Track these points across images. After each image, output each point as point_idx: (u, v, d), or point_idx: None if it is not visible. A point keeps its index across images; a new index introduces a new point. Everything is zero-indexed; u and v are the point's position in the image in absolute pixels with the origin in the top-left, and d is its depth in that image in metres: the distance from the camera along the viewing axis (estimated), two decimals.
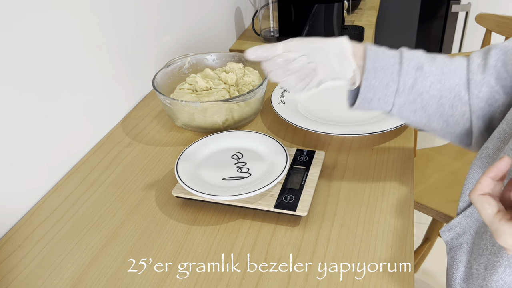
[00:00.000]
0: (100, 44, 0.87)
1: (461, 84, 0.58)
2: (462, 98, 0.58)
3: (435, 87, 0.59)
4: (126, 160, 0.82)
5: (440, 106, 0.59)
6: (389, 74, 0.58)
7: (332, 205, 0.68)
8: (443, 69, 0.59)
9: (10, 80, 0.67)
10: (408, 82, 0.59)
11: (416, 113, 0.61)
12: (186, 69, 0.99)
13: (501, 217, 0.39)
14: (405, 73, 0.58)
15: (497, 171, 0.40)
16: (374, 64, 0.59)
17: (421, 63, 0.59)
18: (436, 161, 1.38)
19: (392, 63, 0.59)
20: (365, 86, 0.59)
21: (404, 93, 0.59)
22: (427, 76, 0.58)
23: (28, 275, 0.61)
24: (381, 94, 0.59)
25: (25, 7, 0.68)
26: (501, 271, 0.52)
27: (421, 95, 0.59)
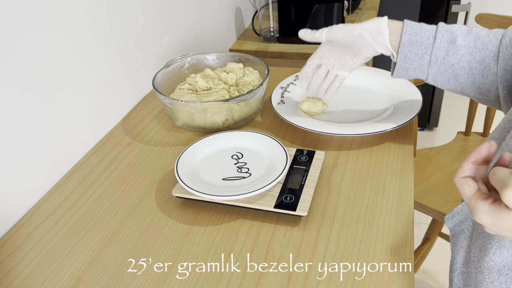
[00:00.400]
0: (100, 45, 0.87)
1: (491, 56, 0.63)
2: (491, 69, 0.64)
3: (465, 59, 0.65)
4: (126, 160, 0.82)
5: (471, 76, 0.65)
6: (423, 47, 0.66)
7: (332, 205, 0.68)
8: (475, 42, 0.64)
9: (10, 80, 0.67)
10: (440, 55, 0.66)
11: (449, 81, 0.67)
12: (186, 69, 0.99)
13: (478, 196, 0.41)
14: (438, 47, 0.65)
15: (477, 156, 0.43)
16: (410, 38, 0.66)
17: (454, 36, 0.65)
18: (436, 161, 1.38)
19: (427, 37, 0.66)
20: (401, 57, 0.68)
21: (436, 65, 0.66)
22: (459, 49, 0.65)
23: (28, 275, 0.61)
24: (416, 64, 0.67)
25: (25, 8, 0.68)
26: (492, 253, 0.54)
27: (452, 67, 0.65)
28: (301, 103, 0.89)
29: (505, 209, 0.38)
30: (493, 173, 0.39)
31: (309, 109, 0.88)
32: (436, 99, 2.17)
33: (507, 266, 0.53)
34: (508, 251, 0.52)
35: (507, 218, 0.38)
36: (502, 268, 0.53)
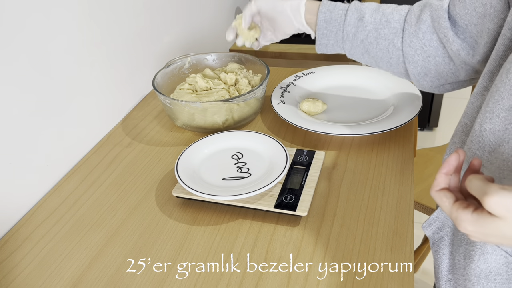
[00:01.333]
0: (100, 45, 0.87)
1: (395, 32, 0.68)
2: (395, 44, 0.68)
3: (372, 35, 0.69)
4: (126, 160, 0.82)
5: (379, 51, 0.70)
6: (336, 24, 0.71)
7: (332, 205, 0.68)
8: (381, 19, 0.69)
9: (10, 80, 0.67)
10: (351, 31, 0.71)
11: (363, 55, 0.72)
12: (186, 69, 0.99)
13: (458, 206, 0.41)
14: (348, 23, 0.70)
15: (448, 167, 0.43)
16: (325, 16, 0.71)
17: (363, 13, 0.70)
18: (436, 161, 1.38)
19: (340, 15, 0.71)
20: (318, 34, 0.73)
21: (349, 40, 0.71)
22: (366, 26, 0.69)
23: (28, 275, 0.61)
24: (333, 40, 0.73)
25: (25, 7, 0.68)
26: (477, 259, 0.54)
27: (362, 42, 0.71)
28: (301, 103, 0.89)
29: (489, 216, 0.38)
30: (469, 181, 0.39)
31: (309, 109, 0.88)
32: (436, 99, 2.17)
33: (493, 272, 0.53)
34: (491, 256, 0.53)
35: (491, 224, 0.38)
36: (489, 274, 0.53)
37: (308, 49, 1.42)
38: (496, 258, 0.52)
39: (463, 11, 0.59)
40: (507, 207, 0.36)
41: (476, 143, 0.52)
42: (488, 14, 0.55)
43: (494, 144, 0.49)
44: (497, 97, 0.48)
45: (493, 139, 0.49)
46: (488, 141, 0.50)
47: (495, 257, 0.52)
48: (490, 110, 0.49)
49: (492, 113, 0.49)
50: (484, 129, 0.50)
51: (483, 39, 0.57)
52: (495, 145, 0.49)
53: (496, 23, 0.55)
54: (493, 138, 0.49)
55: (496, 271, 0.53)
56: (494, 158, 0.49)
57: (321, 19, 0.72)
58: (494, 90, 0.49)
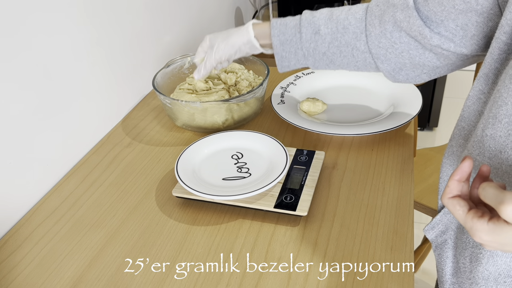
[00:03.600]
0: (100, 44, 0.87)
1: (355, 37, 0.66)
2: (359, 48, 0.66)
3: (333, 45, 0.67)
4: (126, 160, 0.82)
5: (344, 57, 0.68)
6: (293, 44, 0.69)
7: (332, 205, 0.68)
8: (337, 27, 0.67)
9: (10, 79, 0.67)
10: (310, 47, 0.69)
11: (329, 65, 0.70)
12: (186, 69, 0.99)
13: (473, 215, 0.40)
14: (305, 40, 0.68)
15: (461, 173, 0.42)
16: (279, 39, 0.70)
17: (317, 26, 0.68)
18: (436, 161, 1.38)
19: (293, 34, 0.69)
20: (278, 58, 0.71)
21: (310, 56, 0.69)
22: (324, 38, 0.67)
23: (28, 275, 0.61)
24: (294, 60, 0.71)
25: (26, 7, 0.68)
26: (485, 262, 0.53)
27: (325, 54, 0.69)
28: (301, 103, 0.89)
29: (505, 225, 0.37)
30: (483, 189, 0.39)
31: (309, 109, 0.88)
32: (436, 99, 2.17)
33: (503, 274, 0.53)
34: (501, 259, 0.52)
35: (508, 233, 0.37)
36: (498, 277, 0.53)
37: None
38: (506, 261, 0.52)
39: (438, 8, 0.58)
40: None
41: (477, 148, 0.51)
42: (474, 10, 0.54)
43: (495, 150, 0.49)
44: (500, 102, 0.48)
45: (494, 145, 0.49)
46: (488, 147, 0.49)
47: (505, 259, 0.52)
48: (493, 116, 0.49)
49: (495, 118, 0.48)
50: (486, 134, 0.49)
51: (470, 32, 0.56)
52: (496, 151, 0.49)
53: (486, 17, 0.54)
54: (494, 144, 0.49)
55: (506, 273, 0.52)
56: (497, 163, 0.49)
57: (276, 43, 0.70)
58: (497, 95, 0.48)
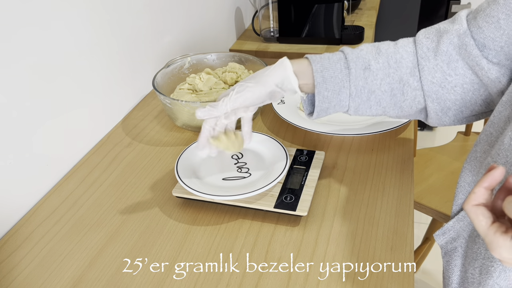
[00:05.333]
0: (100, 44, 0.87)
1: (408, 72, 0.59)
2: (411, 85, 0.60)
3: (385, 82, 0.60)
4: (126, 160, 0.82)
5: (393, 97, 0.61)
6: (339, 81, 0.60)
7: (332, 205, 0.68)
8: (389, 62, 0.60)
9: (10, 79, 0.67)
10: (359, 84, 0.60)
11: (371, 108, 0.62)
12: (186, 69, 0.99)
13: (496, 229, 0.38)
14: (354, 77, 0.60)
15: (491, 181, 0.39)
16: (323, 76, 0.60)
17: (367, 61, 0.60)
18: (436, 161, 1.38)
19: (340, 69, 0.60)
20: (319, 99, 0.61)
21: (358, 96, 0.61)
22: (376, 74, 0.60)
23: (28, 275, 0.61)
24: (335, 101, 0.61)
25: (26, 7, 0.68)
26: (496, 276, 0.51)
27: (374, 93, 0.60)
28: (301, 103, 0.89)
29: None
30: (508, 203, 0.36)
31: None
32: None
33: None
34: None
35: None
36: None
37: (308, 49, 1.42)
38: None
39: (496, 33, 0.52)
40: None
41: (503, 157, 0.48)
42: None
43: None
44: None
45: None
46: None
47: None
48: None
49: None
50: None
51: None
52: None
53: None
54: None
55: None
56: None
57: (319, 80, 0.59)
58: None
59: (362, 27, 1.44)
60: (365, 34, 1.48)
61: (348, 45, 1.43)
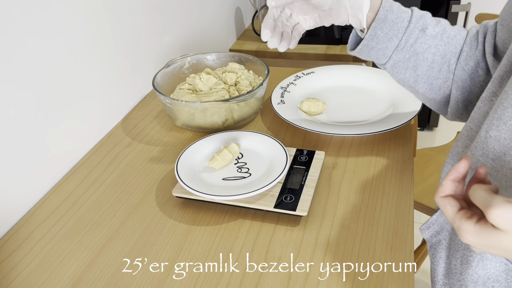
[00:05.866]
0: (100, 44, 0.87)
1: (454, 52, 0.62)
2: (450, 65, 0.62)
3: (430, 50, 0.62)
4: (126, 160, 0.82)
5: (430, 69, 0.63)
6: (396, 28, 0.61)
7: (332, 205, 0.68)
8: (442, 35, 0.62)
9: (10, 79, 0.67)
10: (409, 41, 0.61)
11: (407, 70, 0.64)
12: (186, 69, 0.99)
13: (461, 216, 0.40)
14: (409, 32, 0.61)
15: (456, 173, 0.42)
16: (386, 15, 0.60)
17: (426, 24, 0.61)
18: (436, 161, 1.38)
19: (402, 19, 0.61)
20: (370, 34, 0.61)
21: (403, 51, 0.62)
22: (427, 39, 0.61)
23: (28, 275, 0.61)
24: (382, 45, 0.62)
25: (26, 6, 0.68)
26: (475, 265, 0.53)
27: (417, 55, 0.62)
28: (301, 103, 0.89)
29: (492, 228, 0.37)
30: (473, 191, 0.39)
31: (309, 109, 0.88)
32: None
33: (492, 278, 0.52)
34: (491, 263, 0.52)
35: (494, 237, 0.37)
36: (487, 281, 0.53)
37: (308, 49, 1.42)
38: (496, 265, 0.52)
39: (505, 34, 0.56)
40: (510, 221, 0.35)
41: (480, 150, 0.51)
42: None
43: (499, 152, 0.48)
44: (506, 104, 0.47)
45: (498, 147, 0.48)
46: (493, 148, 0.49)
47: (494, 263, 0.52)
48: (497, 117, 0.48)
49: (500, 120, 0.48)
50: (490, 136, 0.49)
51: None
52: (500, 153, 0.48)
53: None
54: (498, 146, 0.48)
55: (495, 278, 0.52)
56: (499, 166, 0.48)
57: (380, 17, 0.60)
58: (504, 97, 0.48)
59: None
60: None
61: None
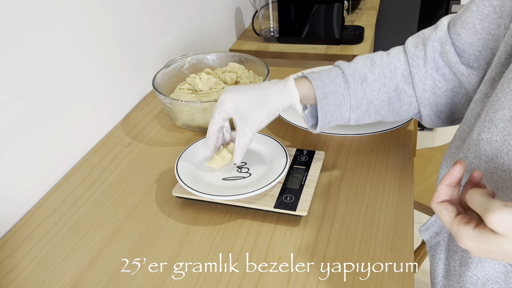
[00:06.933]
0: (100, 44, 0.87)
1: (403, 81, 0.63)
2: (407, 92, 0.63)
3: (382, 92, 0.63)
4: (126, 160, 0.82)
5: (391, 104, 0.64)
6: (339, 95, 0.62)
7: (332, 205, 0.68)
8: (384, 73, 0.63)
9: (10, 79, 0.67)
10: (358, 96, 0.63)
11: (371, 116, 0.65)
12: (186, 69, 0.99)
13: (459, 221, 0.40)
14: (354, 90, 0.62)
15: (451, 178, 0.42)
16: (324, 92, 0.62)
17: (363, 74, 0.63)
18: (436, 161, 1.38)
19: (339, 84, 0.63)
20: (322, 114, 0.63)
21: (358, 107, 0.64)
22: (373, 85, 0.63)
23: (28, 275, 0.61)
24: (337, 114, 0.64)
25: (25, 6, 0.68)
26: (474, 267, 0.53)
27: (372, 103, 0.63)
28: None
29: (491, 233, 0.37)
30: (470, 196, 0.39)
31: None
32: None
33: (491, 280, 0.52)
34: (489, 265, 0.52)
35: (493, 241, 0.37)
36: (486, 283, 0.53)
37: (308, 49, 1.42)
38: (495, 267, 0.52)
39: (473, 38, 0.55)
40: (509, 225, 0.35)
41: (472, 152, 0.51)
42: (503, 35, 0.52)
43: (491, 154, 0.48)
44: (497, 106, 0.47)
45: (490, 149, 0.48)
46: (485, 150, 0.49)
47: (493, 265, 0.52)
48: (489, 120, 0.48)
49: (491, 122, 0.48)
50: (482, 138, 0.49)
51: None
52: (492, 155, 0.48)
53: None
54: (490, 148, 0.48)
55: (494, 280, 0.52)
56: (493, 168, 0.48)
57: (320, 97, 0.62)
58: (495, 99, 0.48)
59: (362, 27, 1.44)
60: (365, 34, 1.48)
61: (348, 44, 1.43)
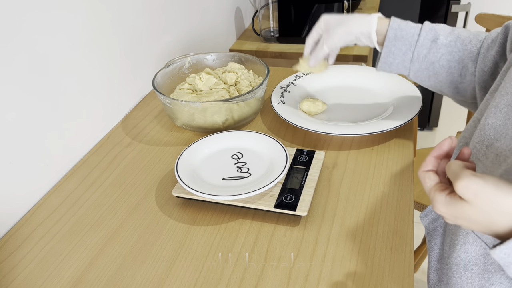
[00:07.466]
0: (100, 44, 0.87)
1: (470, 56, 0.65)
2: (469, 69, 0.65)
3: (445, 58, 0.66)
4: (126, 160, 0.82)
5: (450, 75, 0.67)
6: (407, 43, 0.68)
7: (332, 205, 0.68)
8: (456, 42, 0.66)
9: (10, 79, 0.67)
10: (422, 52, 0.67)
11: (429, 78, 0.69)
12: (186, 69, 0.99)
13: (436, 188, 0.43)
14: (421, 44, 0.67)
15: (439, 151, 0.45)
16: (395, 33, 0.68)
17: (437, 35, 0.67)
18: None
19: (412, 34, 0.67)
20: (385, 52, 0.70)
21: (418, 61, 0.68)
22: (440, 48, 0.66)
23: (28, 275, 0.61)
24: (399, 59, 0.69)
25: (25, 6, 0.68)
26: (458, 249, 0.55)
27: (433, 64, 0.67)
28: (301, 103, 0.89)
29: (459, 199, 0.40)
30: (448, 166, 0.41)
31: (309, 109, 0.88)
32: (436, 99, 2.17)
33: (471, 261, 0.54)
34: (471, 247, 0.54)
35: (460, 208, 0.40)
36: (467, 264, 0.55)
37: None
38: (476, 249, 0.53)
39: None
40: (474, 192, 0.38)
41: (478, 136, 0.52)
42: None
43: (492, 139, 0.50)
44: (503, 92, 0.49)
45: (493, 134, 0.50)
46: (488, 135, 0.51)
47: (475, 247, 0.53)
48: (495, 105, 0.50)
49: (497, 107, 0.50)
50: (488, 123, 0.51)
51: None
52: (493, 139, 0.50)
53: None
54: (493, 132, 0.50)
55: (474, 261, 0.54)
56: (490, 152, 0.50)
57: (390, 36, 0.68)
58: (502, 85, 0.50)
59: None
60: None
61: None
